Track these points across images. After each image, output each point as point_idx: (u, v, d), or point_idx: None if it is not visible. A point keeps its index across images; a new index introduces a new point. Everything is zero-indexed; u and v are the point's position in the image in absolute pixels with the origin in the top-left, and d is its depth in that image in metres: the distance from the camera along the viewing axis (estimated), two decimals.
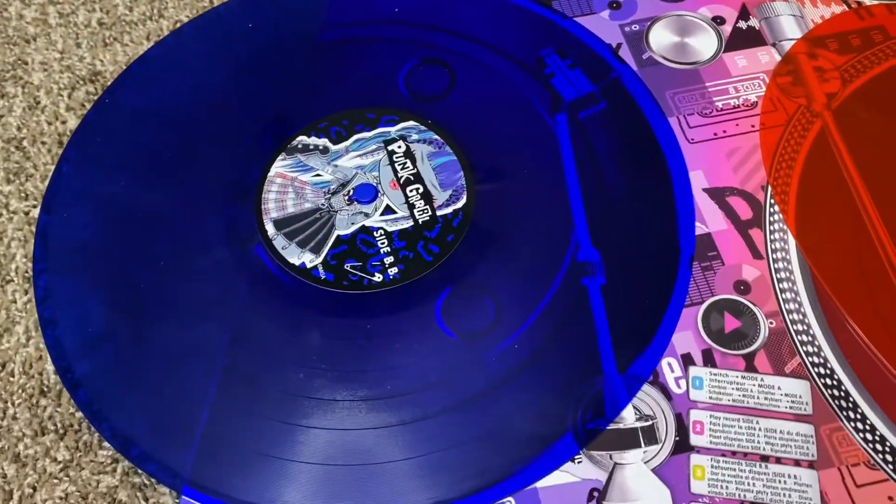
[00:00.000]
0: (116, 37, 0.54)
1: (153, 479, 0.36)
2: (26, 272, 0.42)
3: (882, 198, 0.36)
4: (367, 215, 0.36)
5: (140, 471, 0.38)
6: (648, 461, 0.31)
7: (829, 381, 0.32)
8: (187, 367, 0.34)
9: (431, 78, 0.41)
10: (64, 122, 0.48)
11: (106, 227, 0.38)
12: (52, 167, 0.46)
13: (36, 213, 0.44)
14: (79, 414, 0.38)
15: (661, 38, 0.42)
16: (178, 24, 0.53)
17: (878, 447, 0.31)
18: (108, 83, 0.50)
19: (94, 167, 0.40)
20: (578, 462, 0.31)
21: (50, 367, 0.40)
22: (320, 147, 0.38)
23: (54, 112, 0.49)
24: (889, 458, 0.31)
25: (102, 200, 0.38)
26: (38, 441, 0.38)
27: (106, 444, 0.38)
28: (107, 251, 0.37)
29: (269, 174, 0.38)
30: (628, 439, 0.31)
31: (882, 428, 0.31)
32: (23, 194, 0.45)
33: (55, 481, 0.37)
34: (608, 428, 0.31)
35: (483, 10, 0.43)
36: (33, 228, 0.44)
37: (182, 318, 0.35)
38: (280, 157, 0.38)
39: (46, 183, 0.46)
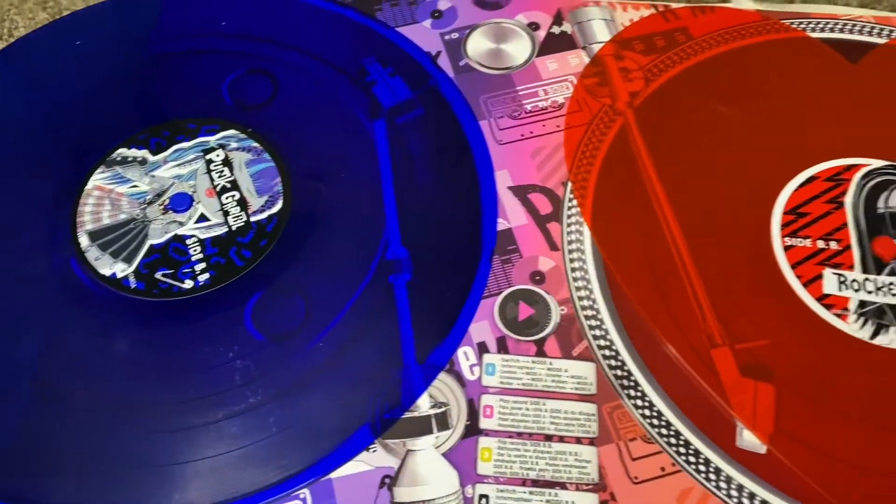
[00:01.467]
0: None
1: None
2: None
3: (674, 190, 0.39)
4: (181, 224, 0.37)
5: None
6: (440, 446, 0.32)
7: (613, 363, 0.34)
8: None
9: (255, 87, 0.42)
10: None
11: None
12: None
13: None
14: None
15: (478, 46, 0.44)
16: (14, 39, 0.53)
17: (655, 422, 0.33)
18: None
19: None
20: (373, 451, 0.32)
21: None
22: (139, 158, 0.39)
23: None
24: (664, 431, 0.33)
25: None
26: None
27: None
28: None
29: (87, 187, 0.38)
30: (422, 426, 0.33)
31: (660, 404, 0.33)
32: None
33: None
34: (403, 417, 0.33)
35: (308, 21, 0.44)
36: None
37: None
38: (99, 170, 0.39)
39: None
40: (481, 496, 0.31)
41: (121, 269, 0.36)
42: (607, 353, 0.34)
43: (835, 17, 0.45)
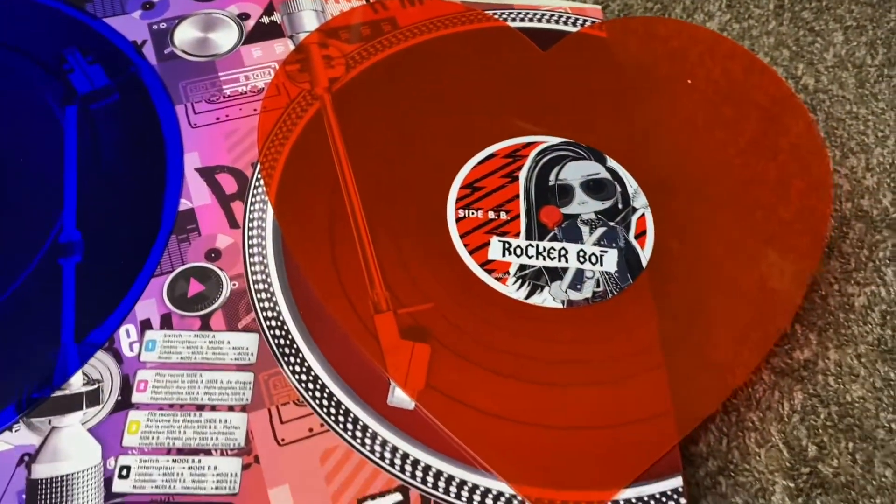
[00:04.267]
0: None
1: None
2: None
3: (363, 170, 0.40)
4: None
5: None
6: (87, 422, 0.32)
7: (277, 332, 0.35)
8: None
9: None
10: None
11: None
12: None
13: None
14: None
15: (185, 35, 0.44)
16: None
17: (311, 386, 0.34)
18: None
19: None
20: (17, 431, 0.32)
21: None
22: None
23: None
24: (318, 394, 0.34)
25: None
26: None
27: None
28: None
29: None
30: (71, 404, 0.32)
31: (318, 369, 0.34)
32: None
33: None
34: (53, 395, 0.33)
35: (13, 12, 0.44)
36: None
37: None
38: None
39: None
40: (123, 467, 0.31)
41: None
42: (273, 323, 0.35)
43: (536, 8, 0.48)
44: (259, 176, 0.40)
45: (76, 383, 0.33)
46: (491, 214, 0.39)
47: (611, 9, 0.60)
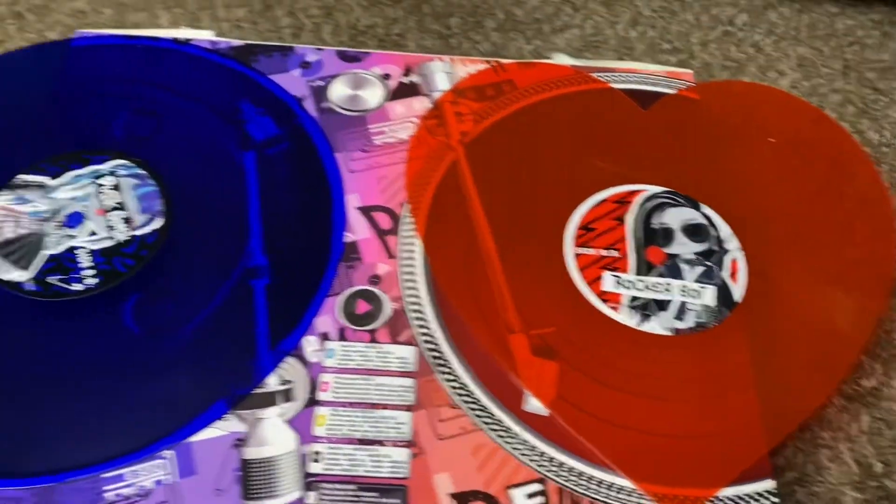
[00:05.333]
0: None
1: None
2: None
3: (492, 210, 0.47)
4: (73, 237, 0.44)
5: None
6: (284, 415, 0.40)
7: (431, 346, 0.42)
8: None
9: (143, 124, 0.49)
10: None
11: None
12: None
13: None
14: None
15: (338, 92, 0.52)
16: None
17: (461, 392, 0.41)
18: None
19: None
20: (226, 420, 0.39)
21: None
22: (39, 183, 0.46)
23: None
24: (467, 399, 0.41)
25: None
26: None
27: None
28: None
29: None
30: (269, 400, 0.40)
31: (465, 377, 0.41)
32: None
33: None
34: (254, 392, 0.40)
35: (194, 69, 0.52)
36: None
37: None
38: (2, 194, 0.45)
39: None
40: (315, 452, 0.39)
41: (19, 275, 0.42)
42: (427, 339, 0.43)
43: (635, 72, 0.55)
44: (408, 214, 0.47)
45: (272, 383, 0.40)
46: (603, 252, 0.46)
47: (692, 65, 0.67)
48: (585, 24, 0.71)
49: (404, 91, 0.53)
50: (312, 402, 0.40)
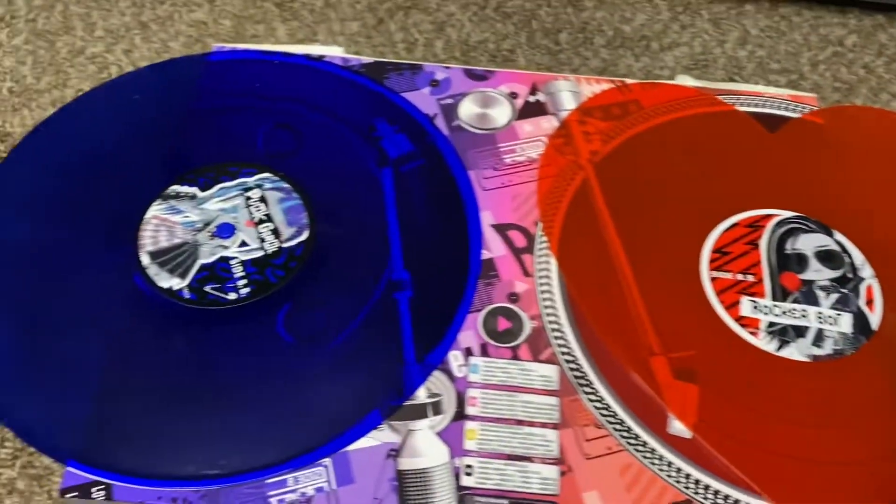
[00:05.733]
0: (24, 103, 0.62)
1: (50, 468, 0.44)
2: None
3: (624, 231, 0.48)
4: (226, 247, 0.46)
5: (35, 464, 0.45)
6: (434, 427, 0.41)
7: (572, 366, 0.43)
8: (74, 371, 0.42)
9: (284, 139, 0.51)
10: None
11: (9, 262, 0.46)
12: None
13: None
14: None
15: (467, 110, 0.53)
16: (79, 93, 0.62)
17: (605, 412, 0.42)
18: (16, 143, 0.58)
19: (3, 211, 0.48)
20: (381, 430, 0.40)
21: None
22: (190, 194, 0.48)
23: None
24: (611, 419, 0.41)
25: (7, 240, 0.47)
26: None
27: (8, 443, 0.46)
28: (8, 282, 0.45)
29: (147, 216, 0.47)
30: (420, 412, 0.41)
31: (608, 398, 0.42)
32: None
33: None
34: (405, 404, 0.41)
35: (329, 85, 0.54)
36: None
37: (72, 332, 0.43)
38: (156, 203, 0.47)
39: None
40: (467, 466, 0.40)
41: (176, 283, 0.44)
42: (568, 358, 0.43)
43: (759, 95, 0.56)
44: (541, 234, 0.48)
45: (422, 395, 0.42)
46: (739, 276, 0.46)
47: (802, 86, 0.67)
48: (694, 42, 0.71)
49: (531, 110, 0.54)
50: (461, 415, 0.41)
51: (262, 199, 0.48)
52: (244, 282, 0.45)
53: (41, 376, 0.42)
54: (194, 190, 0.48)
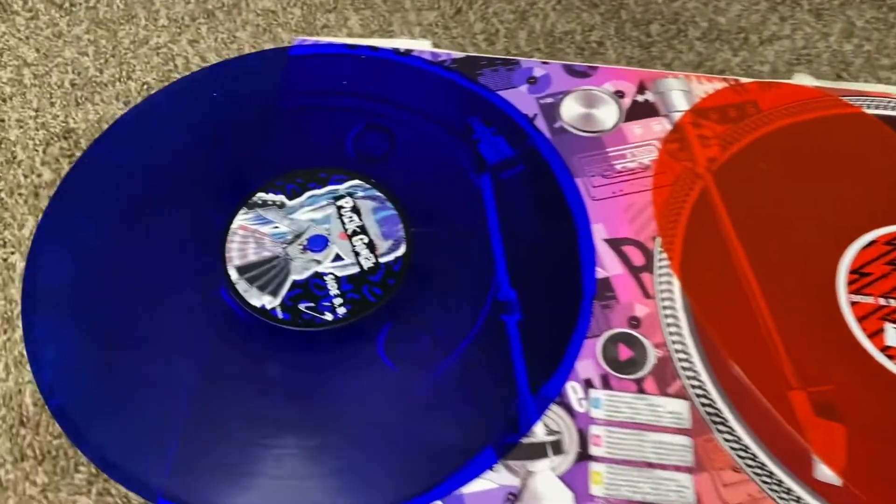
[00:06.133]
0: (88, 97, 0.59)
1: (127, 498, 0.41)
2: (5, 314, 0.47)
3: (752, 248, 0.44)
4: (318, 262, 0.42)
5: (112, 491, 0.42)
6: (555, 468, 0.37)
7: (704, 401, 0.39)
8: (160, 396, 0.39)
9: (375, 141, 0.47)
10: (39, 175, 0.53)
11: (84, 272, 0.42)
12: (29, 217, 0.51)
13: (13, 259, 0.49)
14: (56, 441, 0.42)
15: (570, 110, 0.49)
16: (145, 86, 0.59)
17: (742, 454, 0.38)
18: (80, 139, 0.55)
19: (76, 219, 0.44)
20: (496, 471, 0.37)
21: (28, 399, 0.44)
22: (277, 202, 0.44)
23: (30, 166, 0.54)
24: (750, 462, 0.37)
25: (82, 248, 0.43)
26: (18, 467, 0.42)
27: (82, 467, 0.43)
28: (85, 294, 0.42)
29: (233, 226, 0.43)
30: (538, 451, 0.37)
31: (746, 438, 0.38)
32: (1, 241, 0.50)
33: (35, 502, 0.41)
34: (522, 441, 0.37)
35: (420, 83, 0.50)
36: (11, 273, 0.48)
37: (154, 352, 0.40)
38: (242, 212, 0.44)
39: (23, 231, 0.50)
40: None
41: (268, 301, 0.41)
42: (699, 392, 0.39)
43: (889, 96, 0.51)
44: (661, 250, 0.44)
45: (539, 432, 0.38)
46: (882, 301, 0.42)
47: None
48: (795, 35, 0.66)
49: (640, 110, 0.49)
50: (584, 456, 0.37)
51: (355, 209, 0.44)
52: (340, 300, 0.41)
53: (124, 403, 0.39)
54: (281, 198, 0.44)
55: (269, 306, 0.41)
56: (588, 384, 0.39)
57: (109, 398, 0.39)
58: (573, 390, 0.39)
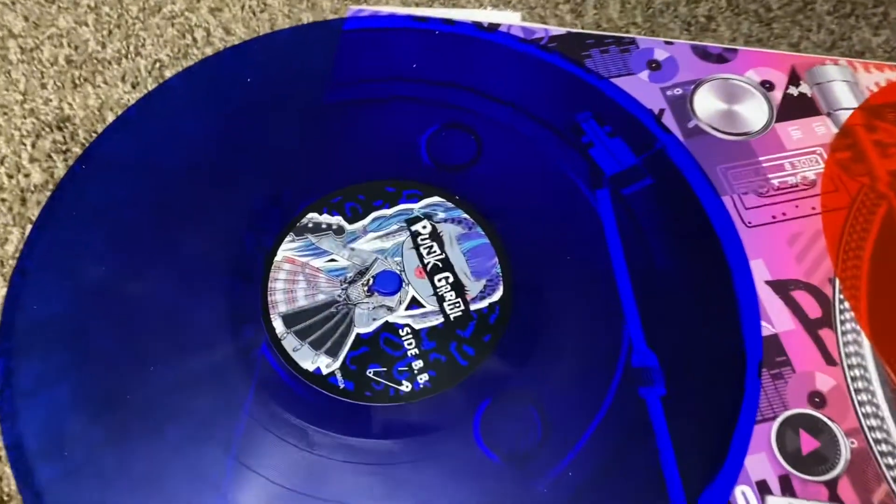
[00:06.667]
0: (87, 77, 0.48)
1: None
2: None
3: None
4: (390, 309, 0.32)
5: None
6: None
7: None
8: (179, 487, 0.28)
9: (456, 145, 0.36)
10: (27, 176, 0.42)
11: (83, 305, 0.32)
12: (13, 229, 0.40)
13: None
14: None
15: (706, 105, 0.38)
16: (158, 64, 0.48)
17: None
18: (78, 131, 0.44)
19: (71, 235, 0.34)
20: None
21: (10, 470, 0.34)
22: (334, 226, 0.33)
23: (15, 164, 0.43)
24: None
25: (79, 276, 0.33)
26: None
27: None
28: (82, 333, 0.32)
29: (276, 258, 0.32)
30: None
31: None
32: None
33: None
34: None
35: (510, 66, 0.39)
36: None
37: (172, 426, 0.30)
38: (288, 238, 0.33)
39: (6, 248, 0.40)
40: None
41: (325, 364, 0.30)
42: None
43: None
44: (842, 297, 0.33)
45: None
46: None
47: None
48: None
49: (795, 106, 0.38)
50: None
51: (435, 236, 0.33)
52: (420, 364, 0.30)
53: (127, 489, 0.28)
54: (339, 220, 0.34)
55: (326, 371, 0.30)
56: (763, 489, 0.29)
57: (106, 480, 0.29)
58: (744, 497, 0.29)
